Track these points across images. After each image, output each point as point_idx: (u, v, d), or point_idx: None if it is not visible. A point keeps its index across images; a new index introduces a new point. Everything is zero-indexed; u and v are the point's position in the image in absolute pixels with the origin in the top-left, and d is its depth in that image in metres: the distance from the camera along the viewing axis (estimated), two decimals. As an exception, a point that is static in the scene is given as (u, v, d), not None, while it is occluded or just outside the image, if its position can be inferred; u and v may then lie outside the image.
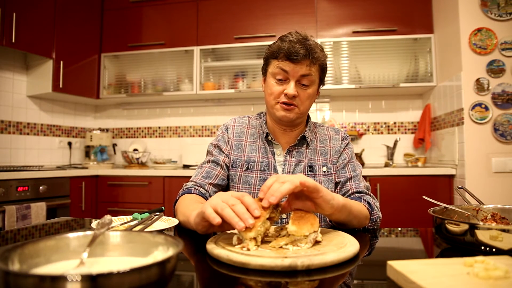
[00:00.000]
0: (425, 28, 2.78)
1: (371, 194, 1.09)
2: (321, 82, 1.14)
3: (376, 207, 1.03)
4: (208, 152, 1.21)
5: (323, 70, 1.12)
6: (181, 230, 0.94)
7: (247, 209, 0.67)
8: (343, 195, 1.10)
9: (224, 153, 1.17)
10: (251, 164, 1.14)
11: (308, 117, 1.23)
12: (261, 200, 0.71)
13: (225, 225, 0.69)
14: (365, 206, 0.99)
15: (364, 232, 0.94)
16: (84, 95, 3.09)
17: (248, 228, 0.65)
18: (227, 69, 3.09)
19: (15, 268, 0.44)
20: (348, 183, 1.12)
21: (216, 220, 0.67)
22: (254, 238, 0.67)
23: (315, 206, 0.76)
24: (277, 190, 0.68)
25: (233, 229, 0.68)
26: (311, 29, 2.90)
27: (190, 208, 0.92)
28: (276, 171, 1.13)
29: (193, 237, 0.87)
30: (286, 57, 1.04)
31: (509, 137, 2.20)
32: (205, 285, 0.60)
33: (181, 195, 1.08)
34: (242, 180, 1.14)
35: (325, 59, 1.11)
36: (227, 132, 1.21)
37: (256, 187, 1.12)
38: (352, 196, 1.08)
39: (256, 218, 0.66)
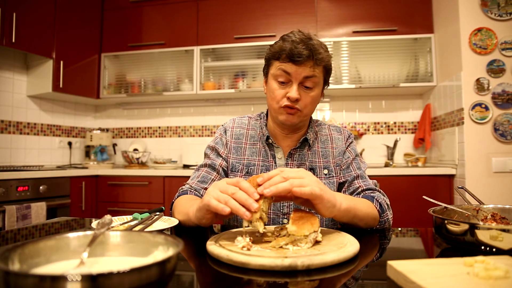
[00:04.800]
0: (425, 28, 2.78)
1: (381, 190, 1.07)
2: (326, 83, 1.09)
3: (387, 204, 1.01)
4: (206, 155, 1.19)
5: (327, 71, 1.06)
6: (181, 230, 0.94)
7: (246, 193, 0.70)
8: (352, 193, 1.08)
9: (221, 156, 1.15)
10: (251, 168, 1.11)
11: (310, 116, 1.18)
12: (259, 185, 0.72)
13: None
14: (376, 207, 0.97)
15: (371, 232, 0.94)
16: (84, 95, 3.09)
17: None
18: (227, 69, 3.09)
19: (15, 268, 0.45)
20: (356, 181, 1.09)
21: (226, 210, 0.69)
22: (260, 218, 0.70)
23: (315, 208, 0.77)
24: (275, 185, 0.70)
25: (236, 225, 0.69)
26: (311, 29, 2.90)
27: (188, 205, 0.92)
28: None
29: (193, 237, 0.87)
30: (289, 59, 0.98)
31: (509, 137, 2.20)
32: (205, 285, 0.60)
33: (177, 197, 1.08)
34: None
35: (330, 59, 1.05)
36: (226, 134, 1.18)
37: None
38: (362, 194, 1.06)
39: (256, 200, 0.69)
